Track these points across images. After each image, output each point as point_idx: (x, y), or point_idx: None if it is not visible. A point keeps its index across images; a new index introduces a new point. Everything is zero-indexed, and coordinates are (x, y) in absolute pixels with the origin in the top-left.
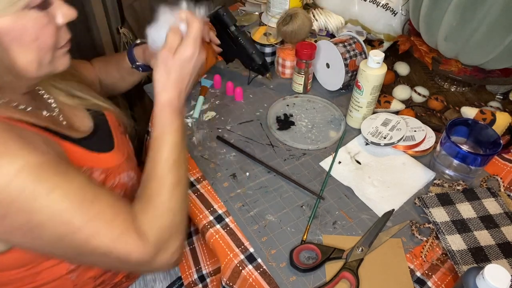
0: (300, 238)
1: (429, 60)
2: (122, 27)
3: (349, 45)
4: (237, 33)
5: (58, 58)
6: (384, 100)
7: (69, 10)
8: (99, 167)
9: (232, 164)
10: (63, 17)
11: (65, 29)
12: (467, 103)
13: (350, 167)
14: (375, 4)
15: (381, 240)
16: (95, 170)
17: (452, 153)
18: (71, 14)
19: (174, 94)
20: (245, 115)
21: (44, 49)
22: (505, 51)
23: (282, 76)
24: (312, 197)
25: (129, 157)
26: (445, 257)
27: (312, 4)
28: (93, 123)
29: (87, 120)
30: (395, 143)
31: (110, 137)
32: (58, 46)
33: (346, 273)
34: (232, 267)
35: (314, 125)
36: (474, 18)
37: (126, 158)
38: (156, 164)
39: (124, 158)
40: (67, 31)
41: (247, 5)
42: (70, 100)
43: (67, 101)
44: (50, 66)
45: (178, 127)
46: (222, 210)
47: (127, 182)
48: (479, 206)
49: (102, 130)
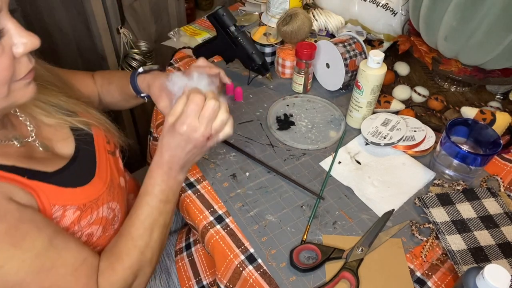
0: (300, 238)
1: (429, 60)
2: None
3: (349, 45)
4: (237, 33)
5: (17, 90)
6: (384, 100)
7: (30, 39)
8: (74, 204)
9: (232, 164)
10: (23, 47)
11: (26, 59)
12: (467, 103)
13: (350, 167)
14: (375, 4)
15: (381, 240)
16: (69, 208)
17: (452, 153)
18: (33, 43)
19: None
20: (245, 115)
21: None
22: (505, 51)
23: (282, 76)
24: (312, 197)
25: (112, 184)
26: (445, 257)
27: (312, 4)
28: (75, 145)
29: (69, 142)
30: (395, 143)
31: (92, 161)
32: (15, 78)
33: (346, 273)
34: (233, 268)
35: (314, 125)
36: (474, 18)
37: (108, 187)
38: (133, 222)
39: (105, 187)
40: (28, 61)
41: (247, 5)
42: (52, 120)
43: (49, 121)
44: (7, 100)
45: (162, 191)
46: (222, 211)
47: (107, 216)
48: (479, 206)
49: (85, 154)
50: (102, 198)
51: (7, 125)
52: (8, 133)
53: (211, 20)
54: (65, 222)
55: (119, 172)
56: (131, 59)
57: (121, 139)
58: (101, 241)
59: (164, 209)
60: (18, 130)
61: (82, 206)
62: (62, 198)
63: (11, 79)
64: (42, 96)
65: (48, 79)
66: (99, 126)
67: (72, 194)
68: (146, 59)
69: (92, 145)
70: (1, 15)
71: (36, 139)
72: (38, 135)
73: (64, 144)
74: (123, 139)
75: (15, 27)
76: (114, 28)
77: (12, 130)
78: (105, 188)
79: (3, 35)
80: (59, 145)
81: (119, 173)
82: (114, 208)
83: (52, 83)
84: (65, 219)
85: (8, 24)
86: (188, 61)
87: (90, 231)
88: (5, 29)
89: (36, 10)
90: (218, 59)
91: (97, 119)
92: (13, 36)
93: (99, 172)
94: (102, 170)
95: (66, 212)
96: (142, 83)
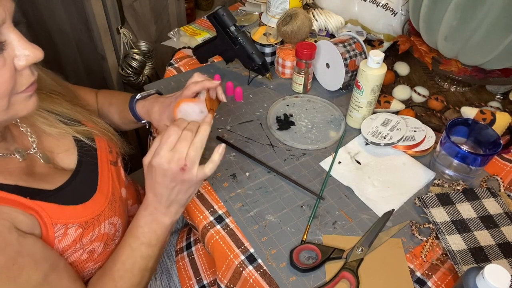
0: (300, 238)
1: (429, 60)
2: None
3: (349, 45)
4: (237, 33)
5: (18, 104)
6: (384, 100)
7: (33, 51)
8: (75, 222)
9: (232, 164)
10: (25, 60)
11: (28, 72)
12: (467, 103)
13: (350, 167)
14: (375, 4)
15: (381, 240)
16: (71, 226)
17: (452, 153)
18: (36, 56)
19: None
20: (245, 115)
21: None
22: (505, 51)
23: (282, 76)
24: (312, 197)
25: (114, 198)
26: (445, 257)
27: (312, 4)
28: (77, 157)
29: (72, 153)
30: (395, 143)
31: (94, 174)
32: (16, 91)
33: (346, 273)
34: (233, 268)
35: (314, 125)
36: (474, 18)
37: (109, 201)
38: (114, 263)
39: (107, 202)
40: (30, 74)
41: (247, 5)
42: (54, 130)
43: (51, 131)
44: (8, 112)
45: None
46: (223, 211)
47: (108, 232)
48: (479, 206)
49: (86, 167)
50: (103, 214)
51: (7, 137)
52: (9, 145)
53: (211, 20)
54: (67, 240)
55: (120, 183)
56: (131, 59)
57: (123, 148)
58: (102, 257)
59: (146, 252)
60: (19, 141)
61: (84, 223)
62: (64, 217)
63: (11, 92)
64: (46, 104)
65: (53, 89)
66: (102, 136)
67: (74, 212)
68: (146, 59)
69: (94, 157)
70: (4, 27)
71: (37, 151)
72: (39, 146)
73: (66, 156)
74: (125, 148)
75: (18, 39)
76: (114, 28)
77: (13, 142)
78: (106, 203)
79: (5, 48)
80: (61, 157)
81: (120, 184)
82: (115, 223)
83: (57, 92)
84: (67, 238)
85: (11, 36)
86: (188, 61)
87: (92, 248)
88: (7, 42)
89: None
90: (218, 59)
91: (100, 128)
92: (15, 48)
93: (101, 186)
94: (104, 183)
95: (68, 230)
96: (141, 110)
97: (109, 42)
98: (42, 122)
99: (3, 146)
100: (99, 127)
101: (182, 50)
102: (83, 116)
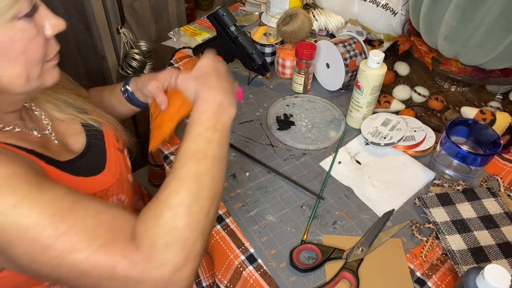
0: (300, 238)
1: (429, 60)
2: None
3: (349, 45)
4: (237, 33)
5: (47, 71)
6: (384, 100)
7: (58, 21)
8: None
9: (232, 164)
10: (52, 29)
11: (54, 42)
12: (467, 103)
13: (350, 167)
14: (375, 4)
15: (381, 240)
16: None
17: (452, 153)
18: (60, 25)
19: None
20: (245, 115)
21: (32, 62)
22: (505, 51)
23: (282, 76)
24: (312, 197)
25: (121, 178)
26: (445, 257)
27: (312, 4)
28: (86, 140)
29: (81, 137)
30: (395, 143)
31: (103, 155)
32: (46, 59)
33: (346, 273)
34: (233, 268)
35: (314, 125)
36: (474, 18)
37: (117, 179)
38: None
39: (114, 179)
40: (55, 44)
41: (247, 5)
42: (63, 116)
43: (61, 116)
44: (39, 80)
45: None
46: (223, 211)
47: None
48: (479, 206)
49: (95, 148)
50: (111, 189)
51: (25, 118)
52: (27, 124)
53: (211, 20)
54: None
55: (127, 169)
56: (131, 59)
57: (128, 139)
58: None
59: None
60: (35, 123)
61: (92, 196)
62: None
63: (43, 59)
64: (53, 93)
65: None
66: (108, 125)
67: (83, 183)
68: (146, 59)
69: (102, 140)
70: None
71: (52, 132)
72: (52, 129)
73: (76, 139)
74: (130, 139)
75: (44, 8)
76: (114, 28)
77: (30, 122)
78: (114, 180)
79: (36, 11)
80: (72, 140)
81: (127, 170)
82: (123, 200)
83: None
84: None
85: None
86: (188, 61)
87: None
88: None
89: None
90: (218, 59)
91: (106, 117)
92: (45, 18)
93: (109, 165)
94: (112, 164)
95: None
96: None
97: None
98: (52, 108)
99: (21, 123)
100: (105, 117)
101: (182, 50)
102: (88, 106)
